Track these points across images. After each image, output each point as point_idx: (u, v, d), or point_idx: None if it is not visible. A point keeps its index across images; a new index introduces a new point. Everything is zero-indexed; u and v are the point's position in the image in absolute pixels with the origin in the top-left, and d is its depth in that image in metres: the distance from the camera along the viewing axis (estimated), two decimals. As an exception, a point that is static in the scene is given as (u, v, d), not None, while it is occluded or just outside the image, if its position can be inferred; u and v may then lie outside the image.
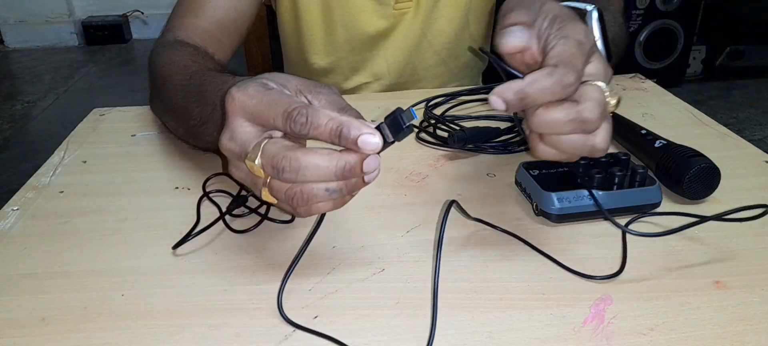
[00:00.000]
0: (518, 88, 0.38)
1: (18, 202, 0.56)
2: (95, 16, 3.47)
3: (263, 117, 0.38)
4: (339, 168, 0.37)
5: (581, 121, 0.39)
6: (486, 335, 0.39)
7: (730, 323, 0.39)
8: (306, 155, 0.36)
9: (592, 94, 0.39)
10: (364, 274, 0.45)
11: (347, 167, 0.37)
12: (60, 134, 0.71)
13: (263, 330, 0.40)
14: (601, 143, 0.41)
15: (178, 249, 0.48)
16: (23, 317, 0.41)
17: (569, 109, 0.39)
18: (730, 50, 2.60)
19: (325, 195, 0.38)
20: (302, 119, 0.36)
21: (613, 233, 0.49)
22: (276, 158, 0.36)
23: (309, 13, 0.83)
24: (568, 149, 0.41)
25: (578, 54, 0.40)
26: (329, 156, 0.37)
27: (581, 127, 0.39)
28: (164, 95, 0.61)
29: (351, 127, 0.36)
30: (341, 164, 0.37)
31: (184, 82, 0.57)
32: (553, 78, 0.38)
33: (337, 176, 0.37)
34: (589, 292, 0.42)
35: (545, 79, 0.38)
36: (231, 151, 0.40)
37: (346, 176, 0.37)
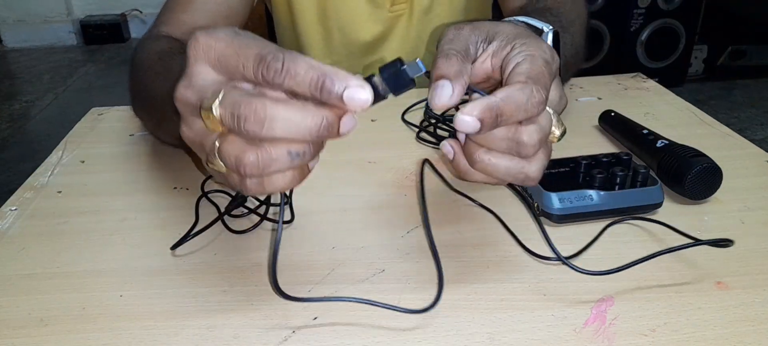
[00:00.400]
0: (493, 104, 0.35)
1: (16, 202, 0.56)
2: (94, 15, 3.46)
3: (231, 63, 0.32)
4: (315, 126, 0.31)
5: (516, 142, 0.36)
6: (487, 336, 0.38)
7: (732, 323, 0.39)
8: (276, 105, 0.30)
9: (539, 119, 0.37)
10: (364, 274, 0.44)
11: (324, 125, 0.31)
12: (58, 134, 0.70)
13: (262, 331, 0.39)
14: (535, 173, 0.38)
15: (177, 249, 0.48)
16: (21, 318, 0.41)
17: (510, 127, 0.36)
18: (732, 50, 2.61)
19: (287, 161, 0.32)
20: (277, 64, 0.31)
21: (614, 233, 0.49)
22: (239, 104, 0.30)
23: (305, 17, 0.83)
24: (499, 174, 0.38)
25: (546, 73, 0.37)
26: (304, 109, 0.31)
27: (516, 148, 0.37)
28: (138, 86, 0.59)
29: (335, 78, 0.31)
30: (317, 121, 0.31)
31: (155, 65, 0.54)
32: (525, 94, 0.35)
33: (311, 136, 0.31)
34: (590, 293, 0.42)
35: (518, 94, 0.35)
36: (186, 100, 0.34)
37: (320, 136, 0.32)
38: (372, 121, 0.71)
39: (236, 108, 0.31)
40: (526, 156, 0.37)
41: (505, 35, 0.40)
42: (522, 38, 0.40)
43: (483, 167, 0.38)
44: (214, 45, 0.32)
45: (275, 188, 0.34)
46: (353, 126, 0.33)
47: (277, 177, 0.33)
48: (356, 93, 0.31)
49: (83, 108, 0.78)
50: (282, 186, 0.34)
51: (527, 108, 0.35)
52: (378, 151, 0.63)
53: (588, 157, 0.53)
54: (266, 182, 0.33)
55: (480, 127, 0.35)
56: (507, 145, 0.37)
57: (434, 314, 0.40)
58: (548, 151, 0.39)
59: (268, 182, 0.33)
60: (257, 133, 0.31)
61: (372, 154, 0.62)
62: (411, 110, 0.73)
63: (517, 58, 0.39)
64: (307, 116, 0.31)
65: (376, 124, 0.70)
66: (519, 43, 0.39)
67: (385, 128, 0.69)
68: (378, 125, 0.70)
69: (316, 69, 0.31)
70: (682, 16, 2.40)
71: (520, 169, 0.38)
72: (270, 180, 0.33)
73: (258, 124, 0.30)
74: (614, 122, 0.65)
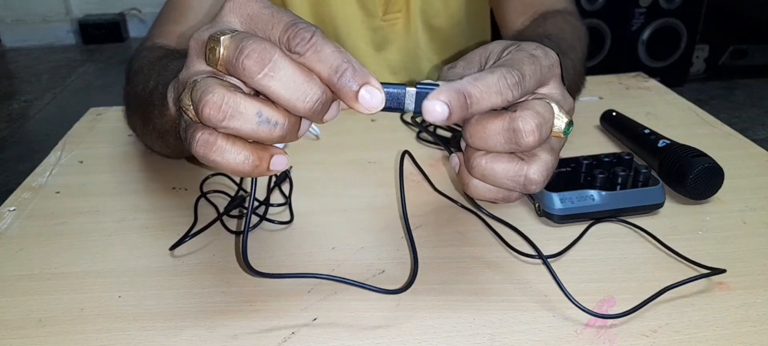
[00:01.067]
0: (460, 87, 0.33)
1: (14, 202, 0.55)
2: (92, 14, 3.46)
3: (262, 21, 0.32)
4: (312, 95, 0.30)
5: (513, 130, 0.34)
6: (488, 336, 0.38)
7: (733, 324, 0.39)
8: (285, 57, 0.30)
9: (536, 106, 0.34)
10: (363, 275, 0.44)
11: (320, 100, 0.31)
12: (57, 134, 0.70)
13: (261, 332, 0.39)
14: (535, 174, 0.35)
15: (176, 250, 0.47)
16: (20, 319, 0.41)
17: (505, 117, 0.34)
18: (734, 49, 2.61)
19: (252, 123, 0.30)
20: (306, 34, 0.30)
21: (616, 233, 0.48)
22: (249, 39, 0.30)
23: None
24: (498, 178, 0.36)
25: (528, 61, 0.35)
26: (310, 77, 0.30)
27: (514, 139, 0.34)
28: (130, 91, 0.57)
29: (357, 72, 0.30)
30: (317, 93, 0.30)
31: (146, 67, 0.53)
32: (495, 75, 0.33)
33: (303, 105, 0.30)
34: (592, 293, 0.42)
35: (488, 76, 0.33)
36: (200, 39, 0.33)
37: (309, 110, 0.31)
38: (372, 121, 0.70)
39: (245, 40, 0.30)
40: (526, 147, 0.34)
41: (495, 54, 0.39)
42: (511, 46, 0.38)
43: (481, 172, 0.36)
44: (251, 6, 0.32)
45: (221, 157, 0.31)
46: (335, 116, 0.33)
47: (229, 147, 0.31)
48: (370, 93, 0.31)
49: (82, 108, 0.77)
50: (228, 161, 0.31)
51: (499, 89, 0.33)
52: (378, 152, 0.63)
53: (589, 157, 0.53)
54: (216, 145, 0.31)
55: (449, 112, 0.33)
56: (504, 137, 0.34)
57: (435, 315, 0.40)
58: (553, 154, 0.37)
59: (217, 145, 0.31)
60: (252, 73, 0.30)
61: (372, 154, 0.62)
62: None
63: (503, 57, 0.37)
64: (312, 84, 0.30)
65: (376, 124, 0.70)
66: (508, 49, 0.38)
67: (385, 128, 0.69)
68: (378, 125, 0.69)
69: (343, 55, 0.30)
70: (684, 15, 2.40)
71: (519, 172, 0.35)
72: (223, 146, 0.31)
73: (259, 64, 0.29)
74: (615, 122, 0.65)
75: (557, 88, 0.37)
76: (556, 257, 0.46)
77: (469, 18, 0.86)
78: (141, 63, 0.58)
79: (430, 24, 0.83)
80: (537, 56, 0.36)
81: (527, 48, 0.37)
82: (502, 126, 0.34)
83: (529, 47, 0.37)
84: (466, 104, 0.33)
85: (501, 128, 0.34)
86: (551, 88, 0.37)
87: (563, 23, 0.61)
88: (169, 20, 0.67)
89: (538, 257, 0.44)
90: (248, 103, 0.30)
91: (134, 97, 0.56)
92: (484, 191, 0.38)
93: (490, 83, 0.33)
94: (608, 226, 0.49)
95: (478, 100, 0.33)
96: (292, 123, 0.32)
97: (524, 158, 0.36)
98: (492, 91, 0.33)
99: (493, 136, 0.34)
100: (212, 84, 0.30)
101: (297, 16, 0.32)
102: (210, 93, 0.30)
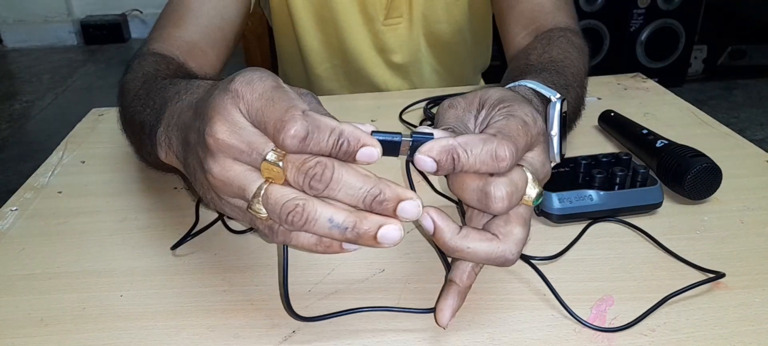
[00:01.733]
0: (450, 146, 0.34)
1: (16, 202, 0.56)
2: (94, 15, 3.46)
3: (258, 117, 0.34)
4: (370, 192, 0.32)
5: (485, 193, 0.35)
6: (487, 335, 0.38)
7: (731, 323, 0.39)
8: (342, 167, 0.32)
9: (512, 173, 0.35)
10: (364, 275, 0.44)
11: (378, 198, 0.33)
12: (59, 134, 0.70)
13: (262, 331, 0.39)
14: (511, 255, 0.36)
15: (177, 249, 0.48)
16: (22, 318, 0.41)
17: (482, 178, 0.35)
18: (732, 50, 2.60)
19: (324, 227, 0.33)
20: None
21: (614, 233, 0.49)
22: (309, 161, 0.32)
23: (304, 24, 0.83)
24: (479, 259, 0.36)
25: (521, 132, 0.36)
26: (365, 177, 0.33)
27: (485, 201, 0.35)
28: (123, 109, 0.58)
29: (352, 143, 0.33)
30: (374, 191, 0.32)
31: (138, 89, 0.53)
32: (488, 145, 0.34)
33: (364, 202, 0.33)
34: (590, 292, 0.42)
35: (480, 143, 0.34)
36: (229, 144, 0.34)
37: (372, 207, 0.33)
38: (372, 121, 0.71)
39: (306, 165, 0.32)
40: (494, 212, 0.35)
41: (491, 102, 0.39)
42: (507, 102, 0.39)
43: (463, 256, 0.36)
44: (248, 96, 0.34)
45: (300, 243, 0.35)
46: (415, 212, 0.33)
47: (305, 236, 0.35)
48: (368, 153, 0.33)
49: (83, 108, 0.78)
50: (306, 245, 0.35)
51: (486, 160, 0.34)
52: (378, 152, 0.63)
53: (588, 157, 0.53)
54: (294, 236, 0.35)
55: (436, 168, 0.34)
56: (476, 196, 0.35)
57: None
58: (526, 226, 0.37)
59: (296, 236, 0.35)
60: (318, 191, 0.32)
61: (372, 154, 0.62)
62: (410, 110, 0.73)
63: (496, 117, 0.38)
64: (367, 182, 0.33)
65: (375, 124, 0.70)
66: (503, 105, 0.39)
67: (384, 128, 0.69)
68: (378, 125, 0.69)
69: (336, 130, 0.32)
70: (682, 16, 2.40)
71: (499, 254, 0.36)
72: (299, 236, 0.35)
73: (323, 183, 0.32)
74: (614, 122, 0.65)
75: (539, 156, 0.38)
76: (552, 259, 0.46)
77: (472, 25, 0.86)
78: (133, 77, 0.56)
79: (431, 30, 0.83)
80: (528, 125, 0.37)
81: (520, 113, 0.37)
82: (477, 185, 0.35)
83: (522, 112, 0.38)
84: (454, 166, 0.34)
85: (475, 187, 0.35)
86: (535, 154, 0.38)
87: (568, 46, 0.61)
88: (168, 23, 0.67)
89: (532, 267, 0.44)
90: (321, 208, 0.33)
91: (125, 120, 0.56)
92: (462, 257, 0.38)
93: (479, 152, 0.34)
94: (606, 226, 0.49)
95: (464, 165, 0.34)
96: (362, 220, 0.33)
97: (500, 237, 0.36)
98: (478, 161, 0.34)
99: (468, 192, 0.36)
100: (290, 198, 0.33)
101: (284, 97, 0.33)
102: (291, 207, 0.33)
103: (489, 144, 0.34)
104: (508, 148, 0.34)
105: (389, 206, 0.33)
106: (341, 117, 0.34)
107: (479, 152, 0.34)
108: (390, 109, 0.73)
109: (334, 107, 0.36)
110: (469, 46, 0.88)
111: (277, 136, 0.32)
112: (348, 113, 0.72)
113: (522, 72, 0.54)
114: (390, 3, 0.80)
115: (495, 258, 0.36)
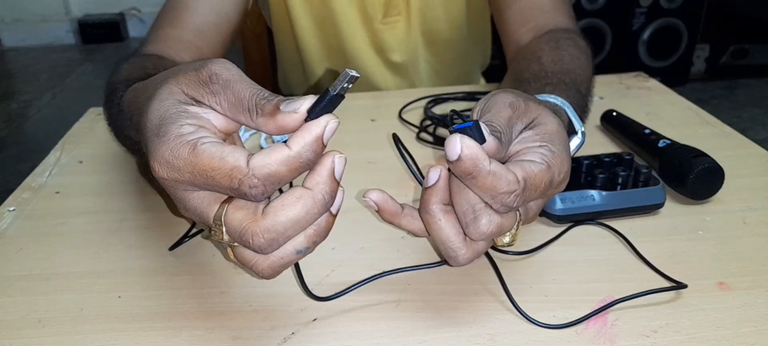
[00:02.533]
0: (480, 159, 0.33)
1: (14, 202, 0.55)
2: (92, 14, 3.45)
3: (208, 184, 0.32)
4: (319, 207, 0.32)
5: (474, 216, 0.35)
6: (488, 336, 0.38)
7: (734, 324, 0.39)
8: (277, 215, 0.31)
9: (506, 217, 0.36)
10: (364, 275, 0.44)
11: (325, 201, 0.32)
12: (56, 134, 0.70)
13: (261, 333, 0.39)
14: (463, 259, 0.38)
15: (176, 250, 0.47)
16: (19, 319, 0.41)
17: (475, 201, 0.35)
18: (734, 49, 2.60)
19: (293, 257, 0.34)
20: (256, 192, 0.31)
21: (616, 233, 0.48)
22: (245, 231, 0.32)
23: (302, 25, 0.83)
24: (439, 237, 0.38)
25: (542, 190, 0.36)
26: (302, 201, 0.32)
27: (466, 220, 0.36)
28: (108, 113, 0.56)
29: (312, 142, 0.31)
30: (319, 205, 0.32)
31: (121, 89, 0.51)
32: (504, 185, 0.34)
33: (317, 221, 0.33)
34: (591, 294, 0.42)
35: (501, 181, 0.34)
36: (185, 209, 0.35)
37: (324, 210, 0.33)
38: (372, 121, 0.70)
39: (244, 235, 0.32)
40: (470, 235, 0.36)
41: (543, 133, 0.38)
42: (555, 145, 0.37)
43: (429, 220, 0.37)
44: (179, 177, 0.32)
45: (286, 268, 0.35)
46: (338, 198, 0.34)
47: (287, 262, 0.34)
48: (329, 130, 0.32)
49: (81, 108, 0.77)
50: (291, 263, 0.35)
51: (495, 195, 0.34)
52: (378, 151, 0.63)
53: (590, 157, 0.53)
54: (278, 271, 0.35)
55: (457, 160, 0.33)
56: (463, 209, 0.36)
57: (435, 315, 0.40)
58: (486, 246, 0.39)
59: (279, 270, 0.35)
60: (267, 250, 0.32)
61: (372, 154, 0.62)
62: (410, 110, 0.72)
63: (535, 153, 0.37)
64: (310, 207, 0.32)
65: (375, 124, 0.70)
66: (550, 147, 0.37)
67: (384, 128, 0.69)
68: (378, 125, 0.69)
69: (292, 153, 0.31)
70: (684, 15, 2.40)
71: (455, 248, 0.37)
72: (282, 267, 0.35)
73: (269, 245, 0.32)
74: (616, 122, 0.64)
75: (541, 205, 0.39)
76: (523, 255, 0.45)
77: (470, 23, 0.85)
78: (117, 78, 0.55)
79: (429, 27, 0.83)
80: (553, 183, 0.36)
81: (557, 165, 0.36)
82: (473, 205, 0.35)
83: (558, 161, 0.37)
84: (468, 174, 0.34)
85: (472, 204, 0.35)
86: (540, 203, 0.39)
87: (577, 52, 0.59)
88: (164, 23, 0.67)
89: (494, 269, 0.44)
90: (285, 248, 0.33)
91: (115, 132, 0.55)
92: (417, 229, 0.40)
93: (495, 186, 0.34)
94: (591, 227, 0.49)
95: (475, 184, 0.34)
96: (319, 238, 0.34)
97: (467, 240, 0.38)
98: (489, 193, 0.34)
99: (463, 202, 0.36)
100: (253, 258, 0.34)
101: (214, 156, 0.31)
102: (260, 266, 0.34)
103: (509, 185, 0.34)
104: (519, 200, 0.35)
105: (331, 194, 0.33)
106: (341, 117, 0.34)
107: (496, 185, 0.34)
108: (389, 109, 0.72)
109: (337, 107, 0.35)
110: (467, 44, 0.88)
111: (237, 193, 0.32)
112: (348, 113, 0.71)
113: (537, 77, 0.53)
114: (389, 0, 0.80)
115: (449, 248, 0.37)
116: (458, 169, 0.34)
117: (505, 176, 0.34)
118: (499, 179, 0.34)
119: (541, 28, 0.65)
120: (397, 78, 0.87)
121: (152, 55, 0.61)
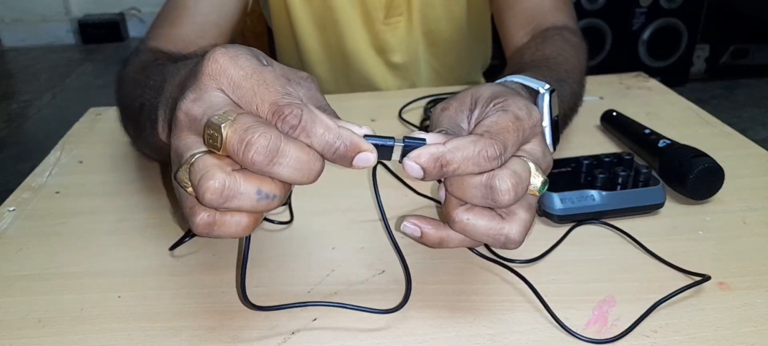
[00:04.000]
0: (439, 154, 0.34)
1: (14, 202, 0.55)
2: (92, 14, 3.45)
3: (247, 97, 0.32)
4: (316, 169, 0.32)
5: (490, 187, 0.34)
6: (488, 337, 0.38)
7: (734, 324, 0.39)
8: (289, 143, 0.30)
9: (514, 164, 0.35)
10: (363, 275, 0.44)
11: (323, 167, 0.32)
12: (56, 134, 0.70)
13: (261, 333, 0.39)
14: (515, 235, 0.36)
15: (176, 250, 0.47)
16: (19, 319, 0.41)
17: (484, 173, 0.35)
18: (734, 49, 2.60)
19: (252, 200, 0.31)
20: (294, 120, 0.31)
21: (615, 233, 0.48)
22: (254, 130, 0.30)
23: (303, 26, 0.83)
24: (478, 234, 0.36)
25: (512, 128, 0.35)
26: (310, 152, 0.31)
27: (490, 195, 0.34)
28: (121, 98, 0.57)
29: (349, 146, 0.32)
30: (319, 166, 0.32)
31: (137, 75, 0.53)
32: (476, 146, 0.34)
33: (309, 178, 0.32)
34: (592, 293, 0.42)
35: (469, 146, 0.34)
36: (190, 114, 0.32)
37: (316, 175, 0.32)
38: (372, 120, 0.70)
39: (248, 133, 0.30)
40: (502, 205, 0.35)
41: (483, 99, 0.39)
42: (499, 97, 0.38)
43: (461, 228, 0.36)
44: (233, 73, 0.32)
45: (224, 231, 0.32)
46: None
47: (232, 221, 0.32)
48: (364, 158, 0.32)
49: (81, 108, 0.77)
50: (232, 233, 0.32)
51: (478, 161, 0.34)
52: (378, 151, 0.62)
53: (590, 157, 0.53)
54: (218, 222, 0.32)
55: (424, 175, 0.34)
56: (481, 192, 0.34)
57: (435, 315, 0.40)
58: (531, 211, 0.37)
59: (220, 222, 0.32)
60: (261, 166, 0.30)
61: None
62: (410, 109, 0.72)
63: (489, 113, 0.37)
64: (314, 160, 0.31)
65: (375, 124, 0.70)
66: (496, 101, 0.38)
67: (384, 128, 0.68)
68: (377, 125, 0.69)
69: (333, 132, 0.31)
70: (684, 14, 2.40)
71: (499, 230, 0.36)
72: (223, 221, 0.32)
73: (267, 158, 0.30)
74: (616, 122, 0.64)
75: (538, 146, 0.38)
76: (533, 262, 0.45)
77: (471, 24, 0.85)
78: (132, 67, 0.57)
79: (430, 28, 0.83)
80: (521, 119, 0.36)
81: (513, 107, 0.37)
82: (480, 181, 0.34)
83: (515, 106, 0.37)
84: (442, 171, 0.34)
85: (479, 183, 0.35)
86: (533, 145, 0.38)
87: (562, 43, 0.60)
88: (165, 22, 0.67)
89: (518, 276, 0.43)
90: (248, 183, 0.31)
91: (125, 109, 0.55)
92: (459, 242, 0.38)
93: (470, 155, 0.34)
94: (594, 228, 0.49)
95: (455, 169, 0.34)
96: (287, 189, 0.33)
97: (504, 216, 0.36)
98: (470, 162, 0.34)
99: (471, 190, 0.35)
100: (212, 169, 0.30)
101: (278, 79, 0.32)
102: (211, 179, 0.30)
103: (478, 145, 0.34)
104: (497, 146, 0.34)
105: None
106: (341, 116, 0.34)
107: (469, 154, 0.34)
108: (389, 109, 0.72)
109: (334, 107, 0.35)
110: (468, 44, 0.88)
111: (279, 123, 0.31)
112: (347, 113, 0.71)
113: (515, 70, 0.54)
114: (390, 1, 0.80)
115: (495, 234, 0.36)
116: (433, 175, 0.34)
117: (469, 139, 0.34)
118: (466, 146, 0.34)
119: (540, 29, 0.66)
120: (397, 78, 0.87)
121: (157, 50, 0.61)
